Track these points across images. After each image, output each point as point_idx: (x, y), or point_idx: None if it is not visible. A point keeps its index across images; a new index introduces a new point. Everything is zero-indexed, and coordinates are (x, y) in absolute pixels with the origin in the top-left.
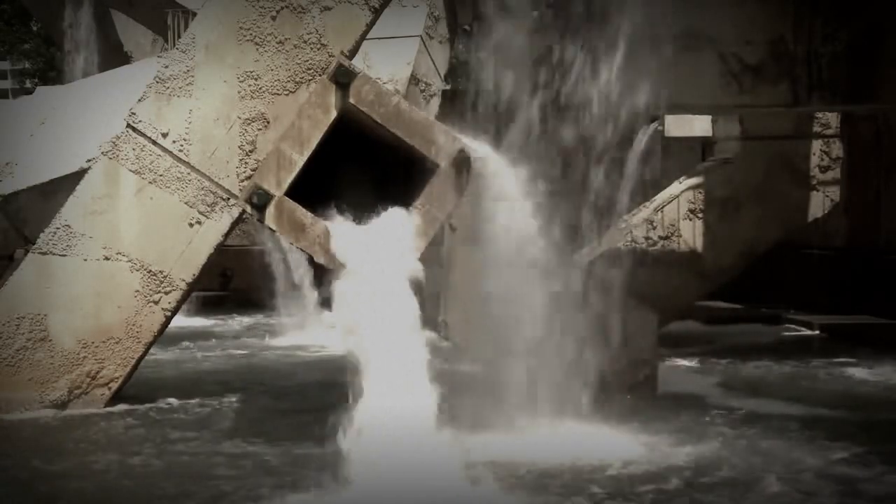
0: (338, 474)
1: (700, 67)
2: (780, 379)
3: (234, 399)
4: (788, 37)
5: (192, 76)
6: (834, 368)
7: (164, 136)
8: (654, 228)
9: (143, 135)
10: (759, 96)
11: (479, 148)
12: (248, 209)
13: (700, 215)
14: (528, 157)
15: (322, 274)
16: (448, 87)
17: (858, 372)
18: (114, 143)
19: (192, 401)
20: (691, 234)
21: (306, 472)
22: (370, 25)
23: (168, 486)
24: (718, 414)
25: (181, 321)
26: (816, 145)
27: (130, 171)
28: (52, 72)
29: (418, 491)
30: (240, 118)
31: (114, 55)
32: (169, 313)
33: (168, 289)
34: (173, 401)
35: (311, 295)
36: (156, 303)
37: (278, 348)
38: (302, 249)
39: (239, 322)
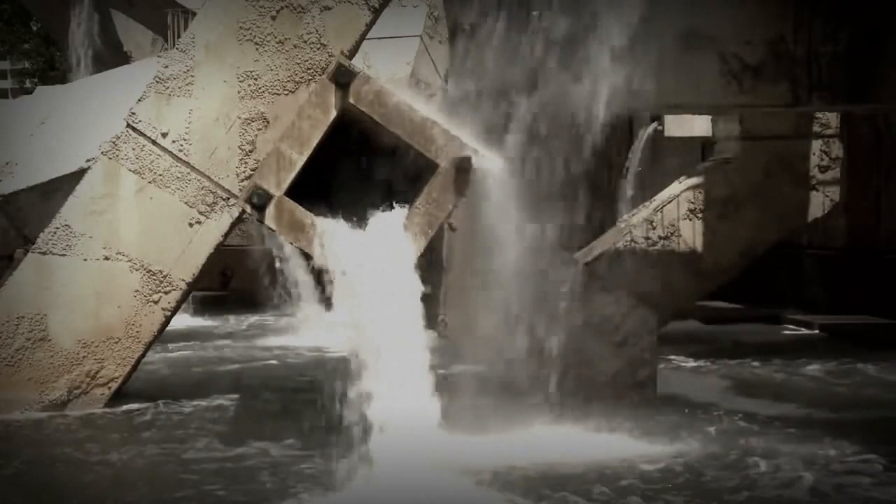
0: (336, 474)
1: (700, 67)
2: (780, 379)
3: (231, 400)
4: (788, 37)
5: (192, 76)
6: (834, 368)
7: (164, 135)
8: (654, 228)
9: (143, 135)
10: (759, 96)
11: (477, 148)
12: (248, 209)
13: (700, 215)
14: (526, 156)
15: (321, 274)
16: (447, 87)
17: (859, 372)
18: (114, 143)
19: (191, 401)
20: (691, 234)
21: (304, 472)
22: (370, 25)
23: (165, 487)
24: (718, 414)
25: (180, 321)
26: (816, 145)
27: (130, 170)
28: (52, 72)
29: (419, 490)
30: (240, 118)
31: (114, 55)
32: (168, 313)
33: (168, 288)
34: (172, 401)
35: (311, 295)
36: (155, 302)
37: (277, 348)
38: (301, 249)
39: (238, 322)
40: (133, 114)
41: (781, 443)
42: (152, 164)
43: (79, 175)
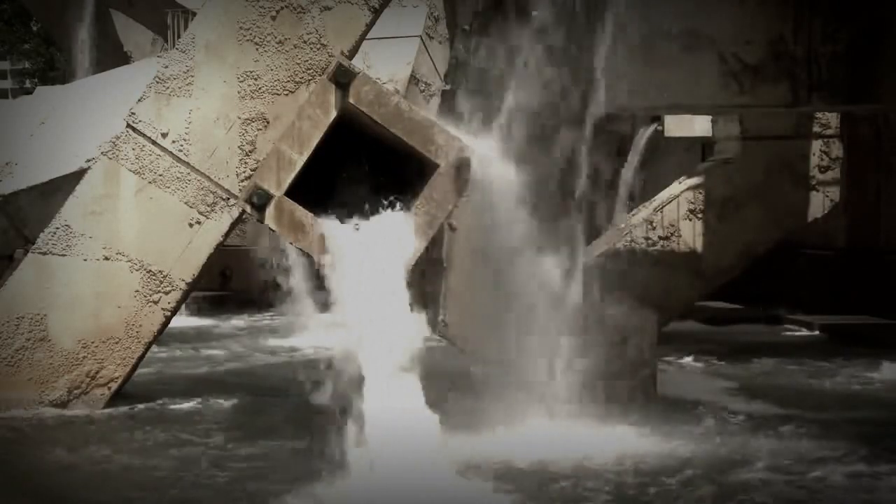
0: (332, 473)
1: (700, 67)
2: (779, 379)
3: (230, 400)
4: (788, 37)
5: (192, 76)
6: (834, 369)
7: (164, 136)
8: (654, 228)
9: (143, 135)
10: (759, 96)
11: (477, 148)
12: (248, 209)
13: (700, 215)
14: (527, 156)
15: (321, 274)
16: (448, 87)
17: (858, 372)
18: (114, 143)
19: (190, 401)
20: (691, 234)
21: (302, 472)
22: (370, 25)
23: (165, 487)
24: (717, 414)
25: (180, 321)
26: (816, 145)
27: (130, 171)
28: (52, 72)
29: (418, 490)
30: (240, 118)
31: (114, 55)
32: (169, 313)
33: (168, 289)
34: (172, 401)
35: (310, 295)
36: (155, 303)
37: (276, 349)
38: (301, 249)
39: (237, 322)
40: (133, 114)
41: (780, 443)
42: (152, 164)
43: (79, 175)
